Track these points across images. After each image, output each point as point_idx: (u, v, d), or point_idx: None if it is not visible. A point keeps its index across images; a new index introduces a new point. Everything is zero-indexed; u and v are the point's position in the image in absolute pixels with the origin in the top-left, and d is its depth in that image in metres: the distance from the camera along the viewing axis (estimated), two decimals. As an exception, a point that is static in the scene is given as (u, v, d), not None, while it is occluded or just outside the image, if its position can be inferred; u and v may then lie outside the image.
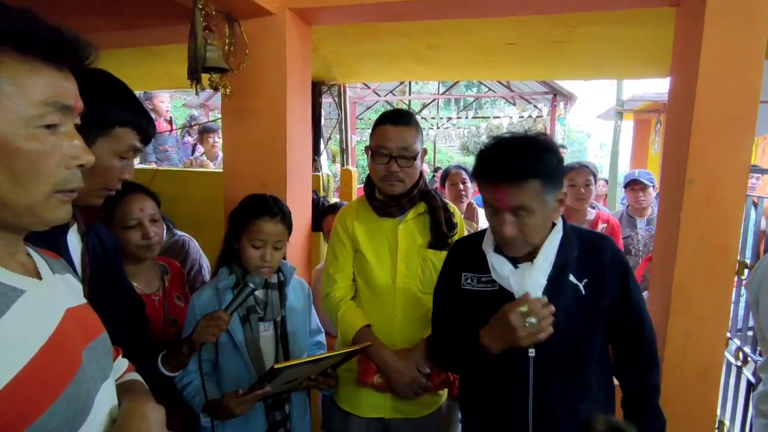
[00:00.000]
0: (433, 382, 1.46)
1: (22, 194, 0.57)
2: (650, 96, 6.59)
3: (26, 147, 0.56)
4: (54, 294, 0.65)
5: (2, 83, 0.54)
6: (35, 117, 0.56)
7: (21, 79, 0.55)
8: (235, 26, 1.81)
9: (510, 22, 2.12)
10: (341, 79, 3.37)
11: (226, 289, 1.38)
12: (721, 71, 1.41)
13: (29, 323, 0.58)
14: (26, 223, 0.61)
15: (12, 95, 0.54)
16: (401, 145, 1.41)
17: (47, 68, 0.57)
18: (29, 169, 0.57)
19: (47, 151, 0.58)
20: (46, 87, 0.57)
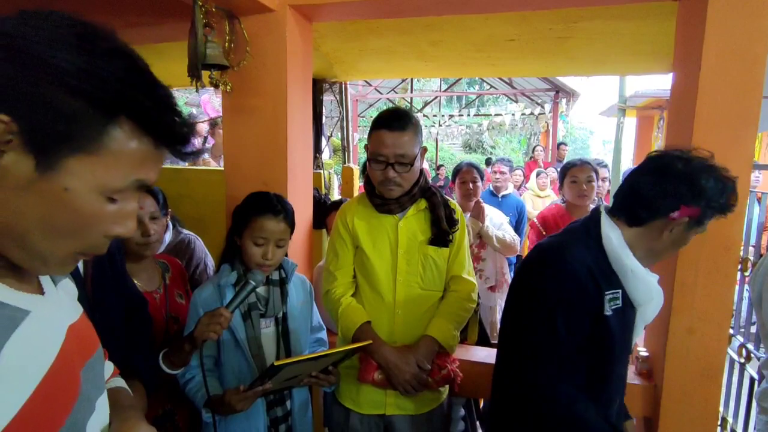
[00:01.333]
0: (433, 378, 1.46)
1: (47, 246, 0.52)
2: (653, 92, 6.57)
3: (87, 212, 0.52)
4: (57, 311, 0.60)
5: (107, 150, 0.50)
6: (114, 190, 0.53)
7: (125, 152, 0.52)
8: (236, 23, 1.81)
9: (511, 18, 2.11)
10: (342, 76, 3.36)
11: (227, 286, 1.39)
12: (724, 66, 1.40)
13: (34, 347, 0.53)
14: (29, 266, 0.55)
15: (109, 164, 0.51)
16: (397, 151, 1.39)
17: (151, 150, 0.54)
18: (70, 230, 0.52)
19: (101, 220, 0.54)
20: (141, 167, 0.54)
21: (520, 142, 17.21)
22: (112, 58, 0.49)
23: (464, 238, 1.56)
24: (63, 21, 0.49)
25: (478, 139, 17.13)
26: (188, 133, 0.55)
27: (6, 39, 0.46)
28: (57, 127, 0.47)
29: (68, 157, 0.49)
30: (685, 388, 1.53)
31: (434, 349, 1.46)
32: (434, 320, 1.50)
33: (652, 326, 1.69)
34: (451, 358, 1.50)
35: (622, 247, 1.10)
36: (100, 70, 0.48)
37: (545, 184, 5.55)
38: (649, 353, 1.67)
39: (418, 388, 1.43)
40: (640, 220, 1.10)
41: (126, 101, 0.50)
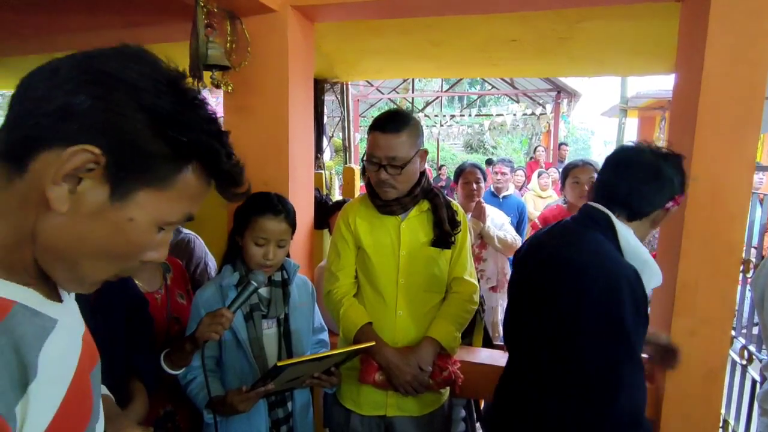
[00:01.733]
0: (434, 380, 1.45)
1: (92, 269, 0.55)
2: (655, 93, 6.57)
3: (140, 240, 0.55)
4: (74, 319, 0.62)
5: (174, 190, 0.54)
6: (169, 223, 0.56)
7: (189, 190, 0.55)
8: (237, 24, 1.81)
9: (513, 19, 2.11)
10: (344, 76, 3.36)
11: (229, 287, 1.39)
12: (727, 67, 1.39)
13: (61, 359, 0.54)
14: (65, 284, 0.57)
15: (172, 200, 0.54)
16: (389, 154, 1.39)
17: (207, 188, 0.58)
18: (119, 256, 0.55)
19: (145, 248, 0.57)
20: (195, 203, 0.58)
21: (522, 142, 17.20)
22: (196, 107, 0.54)
23: (466, 239, 1.56)
24: (158, 66, 0.53)
25: (480, 140, 17.13)
26: (242, 177, 0.60)
27: (109, 79, 0.49)
28: (138, 163, 0.51)
29: (140, 190, 0.52)
30: (686, 391, 1.53)
31: (435, 351, 1.46)
32: (436, 322, 1.49)
33: (654, 328, 1.68)
34: (452, 360, 1.50)
35: (638, 243, 1.18)
36: (186, 118, 0.52)
37: (547, 185, 5.55)
38: (650, 355, 1.66)
39: (419, 390, 1.43)
40: (642, 214, 1.20)
41: (202, 147, 0.54)
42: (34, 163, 0.48)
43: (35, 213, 0.50)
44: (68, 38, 2.40)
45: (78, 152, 0.47)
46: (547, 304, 1.19)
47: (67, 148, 0.47)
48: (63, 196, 0.48)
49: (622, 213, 1.20)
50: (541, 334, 1.20)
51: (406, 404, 1.50)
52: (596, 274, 1.11)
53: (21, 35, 2.43)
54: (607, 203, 1.21)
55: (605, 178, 1.25)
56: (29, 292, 0.53)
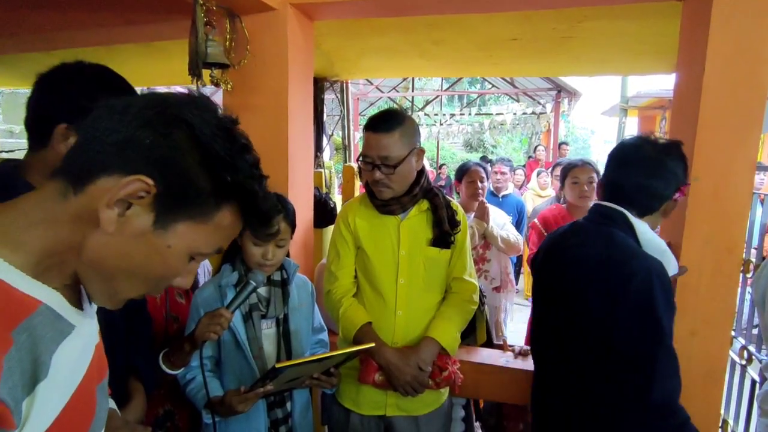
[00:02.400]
0: (434, 380, 1.45)
1: (129, 288, 0.59)
2: (655, 92, 6.56)
3: (174, 266, 0.59)
4: (90, 329, 0.64)
5: (211, 225, 0.58)
6: (201, 254, 0.60)
7: (224, 227, 0.60)
8: (237, 22, 1.80)
9: (514, 18, 2.10)
10: (344, 75, 3.35)
11: (228, 287, 1.38)
12: (728, 67, 1.39)
13: (71, 364, 0.57)
14: (96, 297, 0.61)
15: (208, 234, 0.59)
16: (381, 153, 1.39)
17: (240, 225, 0.62)
18: (152, 278, 0.59)
19: (176, 273, 0.61)
20: (228, 238, 0.62)
21: (522, 141, 17.20)
22: (244, 153, 0.58)
23: (466, 239, 1.56)
24: (216, 113, 0.59)
25: (480, 139, 17.11)
26: (273, 218, 0.68)
27: (173, 119, 0.55)
28: (184, 197, 0.55)
29: (182, 221, 0.56)
30: (686, 391, 1.51)
31: (435, 351, 1.46)
32: (435, 322, 1.49)
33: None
34: (452, 360, 1.50)
35: (654, 235, 1.21)
36: (235, 161, 0.57)
37: (546, 184, 5.55)
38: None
39: (418, 390, 1.42)
40: (652, 209, 1.23)
41: (244, 189, 0.59)
42: (92, 185, 0.53)
43: (85, 229, 0.54)
44: (68, 36, 2.39)
45: (134, 181, 0.52)
46: (578, 304, 1.21)
47: (125, 177, 0.52)
48: (113, 219, 0.53)
49: (632, 210, 1.22)
50: (574, 334, 1.22)
51: (405, 404, 1.50)
52: (627, 271, 1.14)
53: (21, 33, 2.42)
54: (617, 202, 1.23)
55: (611, 177, 1.26)
56: (56, 296, 0.56)
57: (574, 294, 1.23)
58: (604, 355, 1.17)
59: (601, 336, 1.17)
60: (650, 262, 1.15)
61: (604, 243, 1.20)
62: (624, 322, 1.13)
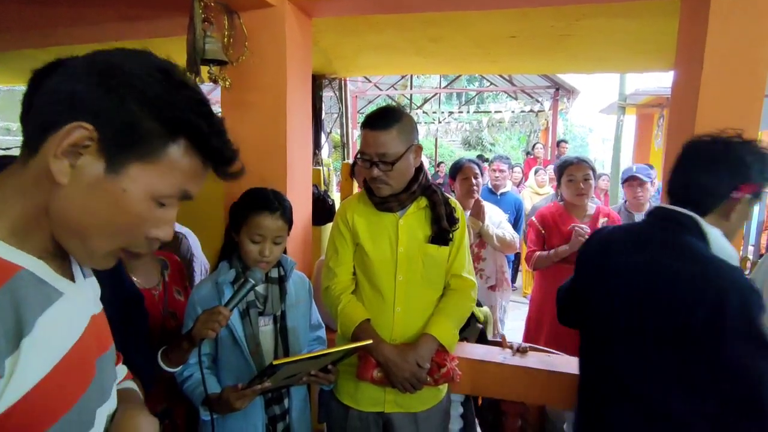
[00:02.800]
0: (432, 377, 1.45)
1: (102, 242, 0.61)
2: (653, 90, 6.56)
3: (137, 211, 0.60)
4: (84, 299, 0.67)
5: (164, 164, 0.59)
6: (163, 196, 0.61)
7: (178, 165, 0.61)
8: (235, 18, 1.80)
9: (512, 15, 2.10)
10: (342, 72, 3.35)
11: (225, 284, 1.38)
12: (726, 65, 1.39)
13: (62, 326, 0.60)
14: (75, 255, 0.63)
15: (163, 173, 0.60)
16: (378, 150, 1.39)
17: (200, 166, 0.63)
18: (122, 228, 0.61)
19: (146, 221, 0.62)
20: (189, 178, 0.63)
21: (520, 139, 17.21)
22: (183, 89, 0.60)
23: (464, 236, 1.56)
24: (155, 60, 0.61)
25: (478, 136, 17.10)
26: (232, 157, 0.66)
27: (109, 68, 0.57)
28: (129, 138, 0.57)
29: (132, 163, 0.58)
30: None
31: (434, 348, 1.46)
32: (434, 319, 1.49)
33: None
34: (450, 357, 1.50)
35: (727, 242, 1.14)
36: (173, 99, 0.58)
37: (544, 182, 5.56)
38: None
39: (417, 387, 1.42)
40: (707, 207, 1.15)
41: (188, 125, 0.60)
42: (44, 144, 0.56)
43: (47, 188, 0.57)
44: (65, 32, 2.38)
45: (74, 128, 0.54)
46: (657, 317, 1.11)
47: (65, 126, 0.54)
48: (64, 170, 0.55)
49: (692, 210, 1.14)
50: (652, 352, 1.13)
51: (404, 401, 1.50)
52: (723, 285, 1.05)
53: (19, 29, 2.41)
54: (676, 203, 1.16)
55: (669, 178, 1.20)
56: (39, 263, 0.59)
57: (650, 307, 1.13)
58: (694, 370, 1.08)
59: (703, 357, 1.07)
60: (737, 272, 1.07)
61: (687, 254, 1.11)
62: (730, 341, 1.04)
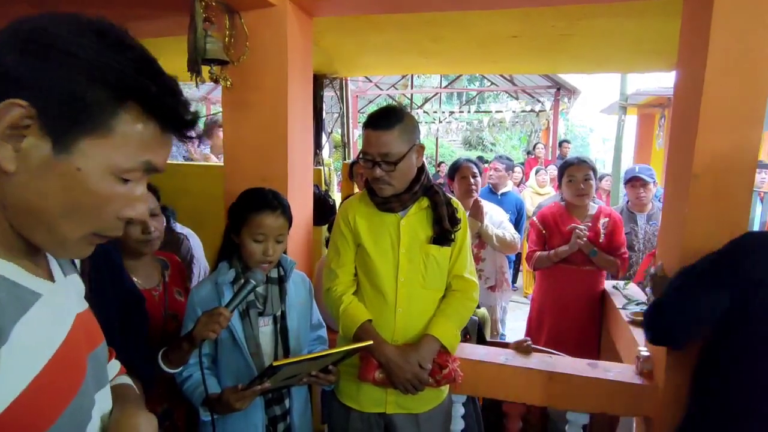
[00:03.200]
0: (434, 378, 1.45)
1: (66, 228, 0.57)
2: (654, 90, 6.56)
3: (100, 191, 0.56)
4: (66, 298, 0.64)
5: (116, 135, 0.55)
6: (124, 170, 0.57)
7: (133, 134, 0.56)
8: (236, 18, 1.79)
9: (514, 15, 2.09)
10: (343, 72, 3.34)
11: (225, 284, 1.38)
12: (729, 64, 1.38)
13: (43, 329, 0.56)
14: (48, 248, 0.60)
15: (118, 145, 0.55)
16: (381, 150, 1.39)
17: (158, 133, 0.58)
18: (87, 211, 0.56)
19: (113, 200, 0.58)
20: (148, 147, 0.58)
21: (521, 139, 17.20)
22: (123, 49, 0.54)
23: (466, 237, 1.55)
24: (85, 20, 0.55)
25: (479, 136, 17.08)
26: (191, 119, 0.60)
27: (34, 35, 0.52)
28: (71, 111, 0.52)
29: (81, 139, 0.53)
30: (686, 388, 1.53)
31: (435, 349, 1.45)
32: (436, 319, 1.49)
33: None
34: (452, 358, 1.50)
35: None
36: (112, 60, 0.53)
37: (545, 182, 5.55)
38: (650, 353, 1.66)
39: (418, 388, 1.42)
40: None
41: (133, 87, 0.54)
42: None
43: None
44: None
45: (6, 108, 0.49)
46: None
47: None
48: (8, 156, 0.51)
49: None
50: None
51: (405, 401, 1.50)
52: None
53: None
54: None
55: None
56: (9, 266, 0.55)
57: None
58: None
59: None
60: None
61: None
62: None
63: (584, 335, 2.57)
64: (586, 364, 1.76)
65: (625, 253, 2.55)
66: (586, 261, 2.51)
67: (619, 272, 2.54)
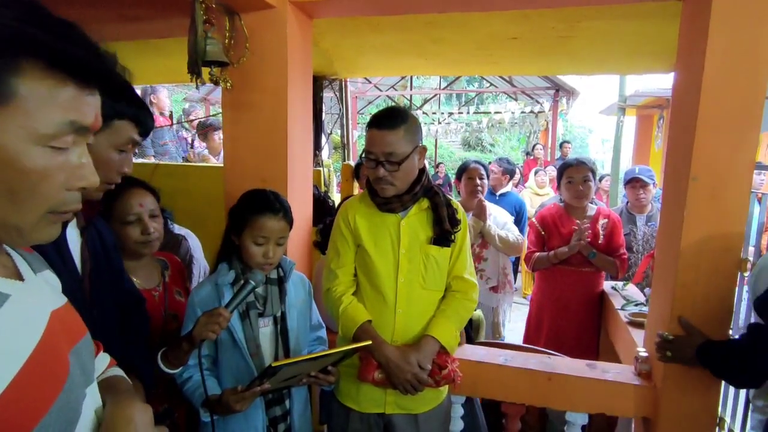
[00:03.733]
0: (433, 378, 1.45)
1: (15, 214, 0.53)
2: (653, 91, 6.57)
3: (31, 166, 0.52)
4: (38, 296, 0.61)
5: (21, 96, 0.50)
6: (48, 136, 0.52)
7: (43, 96, 0.51)
8: (236, 19, 1.79)
9: (513, 17, 2.10)
10: (342, 73, 3.35)
11: (225, 285, 1.38)
12: (727, 66, 1.39)
13: (16, 329, 0.54)
14: (8, 240, 0.57)
15: (30, 111, 0.50)
16: (385, 150, 1.40)
17: (73, 86, 0.53)
18: (28, 190, 0.53)
19: (52, 172, 0.54)
20: (68, 106, 0.53)
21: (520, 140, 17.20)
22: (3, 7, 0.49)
23: (466, 238, 1.56)
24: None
25: (478, 137, 17.10)
26: (102, 63, 0.54)
27: None
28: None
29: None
30: (684, 389, 1.53)
31: (435, 349, 1.46)
32: (435, 320, 1.49)
33: (653, 327, 1.69)
34: (451, 358, 1.50)
35: None
36: None
37: (544, 182, 5.56)
38: (649, 354, 1.66)
39: (418, 388, 1.42)
40: None
41: (23, 41, 0.49)
42: None
43: None
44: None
45: None
46: None
47: None
48: None
49: None
50: None
51: (405, 402, 1.50)
52: None
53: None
54: None
55: None
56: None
57: None
58: None
59: None
60: None
61: None
62: None
63: (583, 336, 2.58)
64: (584, 365, 1.76)
65: (624, 254, 2.56)
66: (585, 262, 2.52)
67: (618, 273, 2.54)
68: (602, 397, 1.68)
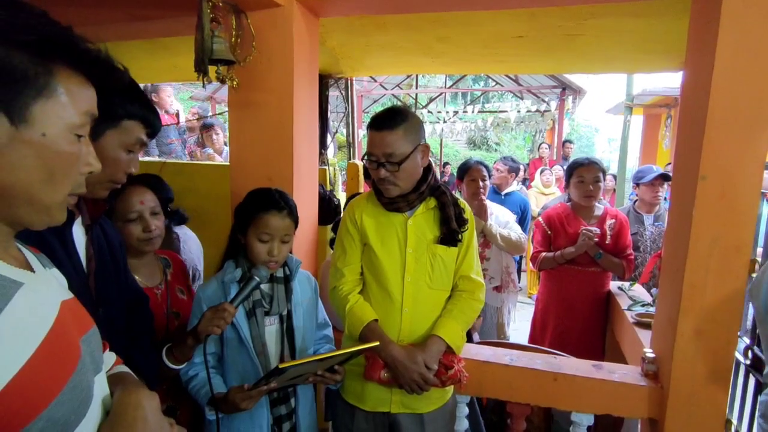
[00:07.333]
0: (439, 378, 1.45)
1: (52, 193, 0.61)
2: (660, 90, 6.51)
3: (69, 150, 0.61)
4: (48, 287, 0.66)
5: (60, 93, 0.59)
6: (78, 125, 0.62)
7: (72, 91, 0.61)
8: (242, 18, 1.80)
9: (520, 15, 2.09)
10: (348, 72, 3.34)
11: (232, 283, 1.38)
12: (738, 64, 1.37)
13: (30, 315, 0.59)
14: (36, 221, 0.63)
15: (65, 104, 0.60)
16: (385, 151, 1.39)
17: (87, 83, 0.64)
18: (64, 171, 0.62)
19: (78, 157, 0.63)
20: (88, 99, 0.63)
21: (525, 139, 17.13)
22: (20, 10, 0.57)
23: (473, 237, 1.55)
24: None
25: (483, 136, 17.03)
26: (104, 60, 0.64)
27: None
28: (11, 81, 0.55)
29: (32, 105, 0.57)
30: (692, 390, 1.52)
31: (441, 349, 1.45)
32: (442, 320, 1.49)
33: (660, 327, 1.67)
34: (457, 358, 1.50)
35: None
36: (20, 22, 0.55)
37: (549, 182, 5.54)
38: (655, 355, 1.65)
39: (424, 388, 1.42)
40: None
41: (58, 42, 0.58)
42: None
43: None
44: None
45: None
46: None
47: None
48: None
49: None
50: None
51: (410, 401, 1.50)
52: None
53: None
54: None
55: None
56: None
57: None
58: None
59: None
60: None
61: None
62: None
63: (589, 336, 2.56)
64: (590, 366, 1.75)
65: (630, 255, 2.54)
66: (592, 262, 2.51)
67: (625, 274, 2.53)
68: (608, 398, 1.67)
